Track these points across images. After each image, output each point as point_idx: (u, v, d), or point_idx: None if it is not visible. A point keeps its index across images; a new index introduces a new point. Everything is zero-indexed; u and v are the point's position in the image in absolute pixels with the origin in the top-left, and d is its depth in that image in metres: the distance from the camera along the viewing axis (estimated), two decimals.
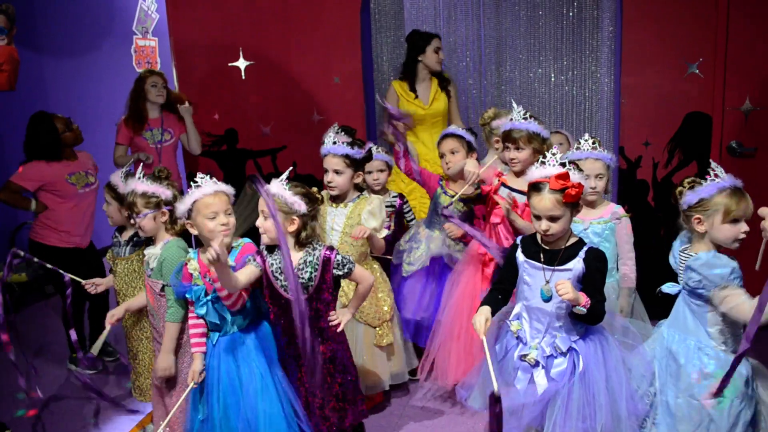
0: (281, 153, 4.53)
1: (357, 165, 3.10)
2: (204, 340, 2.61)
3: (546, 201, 2.27)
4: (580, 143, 2.93)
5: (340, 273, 2.49)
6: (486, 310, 2.34)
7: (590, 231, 2.85)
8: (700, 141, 3.97)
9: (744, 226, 2.22)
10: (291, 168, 2.61)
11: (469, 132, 3.37)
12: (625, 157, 4.02)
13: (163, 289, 2.68)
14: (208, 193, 2.48)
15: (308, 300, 2.45)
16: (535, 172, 2.34)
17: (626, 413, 2.30)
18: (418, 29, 4.35)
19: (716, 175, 2.25)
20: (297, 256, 2.46)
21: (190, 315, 2.63)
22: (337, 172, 3.07)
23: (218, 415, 2.52)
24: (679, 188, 2.34)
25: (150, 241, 2.85)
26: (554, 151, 2.37)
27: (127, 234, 3.12)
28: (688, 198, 2.29)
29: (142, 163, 3.49)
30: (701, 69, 3.92)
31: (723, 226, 2.23)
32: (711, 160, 2.32)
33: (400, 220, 3.59)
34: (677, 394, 2.31)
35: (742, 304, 2.17)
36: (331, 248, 2.49)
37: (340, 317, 2.55)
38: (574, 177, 2.30)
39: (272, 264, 2.47)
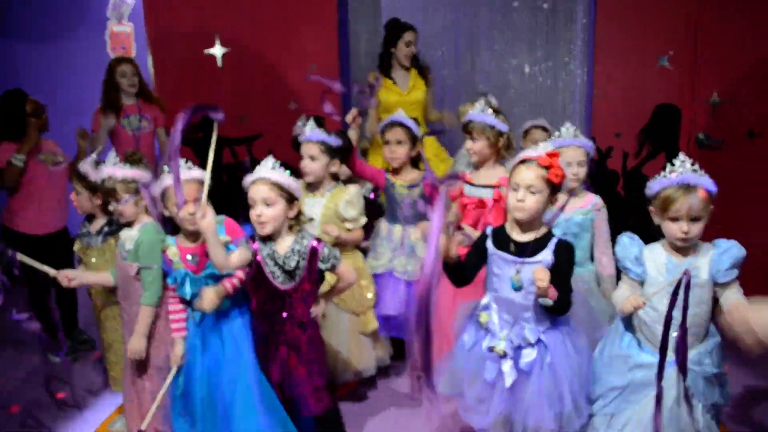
0: (257, 141, 4.53)
1: (333, 153, 3.12)
2: (184, 325, 2.66)
3: (530, 172, 2.30)
4: (560, 131, 2.98)
5: (326, 266, 2.50)
6: None
7: (572, 221, 2.89)
8: (670, 132, 4.05)
9: (683, 226, 2.19)
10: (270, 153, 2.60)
11: (415, 122, 3.38)
12: (596, 147, 4.09)
13: (138, 272, 2.68)
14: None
15: (293, 290, 2.48)
16: (526, 152, 2.38)
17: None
18: (397, 18, 4.34)
19: (671, 171, 2.24)
20: (286, 243, 2.48)
21: (171, 300, 2.67)
22: (312, 158, 3.09)
23: (200, 394, 2.58)
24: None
25: (122, 226, 2.84)
26: (547, 144, 2.42)
27: (98, 224, 3.07)
28: (647, 190, 2.32)
29: (113, 148, 3.47)
30: (671, 62, 4.00)
31: (665, 223, 2.24)
32: (681, 153, 2.31)
33: (374, 210, 3.59)
34: None
35: (616, 291, 2.34)
36: (318, 239, 2.51)
37: (314, 308, 2.57)
38: (562, 164, 2.34)
39: (263, 249, 2.48)
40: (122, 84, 4.18)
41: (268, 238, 2.48)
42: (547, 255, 2.34)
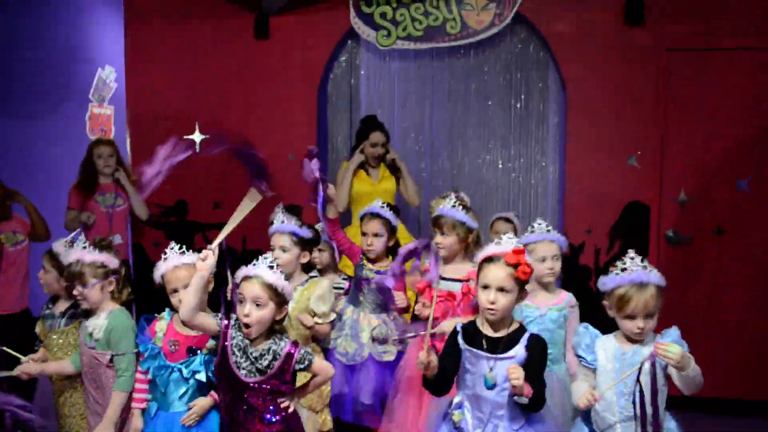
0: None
1: (304, 244, 3.12)
2: (145, 396, 2.57)
3: (499, 271, 2.30)
4: (533, 227, 3.02)
5: (301, 367, 2.41)
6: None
7: (547, 317, 2.89)
8: (639, 229, 4.14)
9: (639, 323, 2.27)
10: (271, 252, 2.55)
11: (393, 211, 3.40)
12: (568, 243, 4.14)
13: (111, 359, 2.62)
14: (169, 268, 2.53)
15: (258, 386, 2.37)
16: (490, 248, 2.39)
17: None
18: (373, 115, 4.46)
19: (623, 269, 2.32)
20: (262, 343, 2.38)
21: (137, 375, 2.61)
22: (283, 249, 3.08)
23: None
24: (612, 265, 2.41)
25: (86, 311, 2.79)
26: (510, 235, 2.43)
27: (63, 305, 2.99)
28: (600, 285, 2.40)
29: (81, 230, 3.43)
30: (639, 161, 4.14)
31: (620, 320, 2.33)
32: (630, 250, 2.39)
33: None
34: None
35: (574, 383, 2.42)
36: (295, 343, 2.42)
37: (284, 403, 2.45)
38: (528, 259, 2.36)
39: (234, 337, 2.38)
40: (98, 164, 4.21)
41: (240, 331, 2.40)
42: (520, 350, 2.31)
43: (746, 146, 4.00)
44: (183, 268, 2.53)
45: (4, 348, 2.73)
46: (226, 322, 2.40)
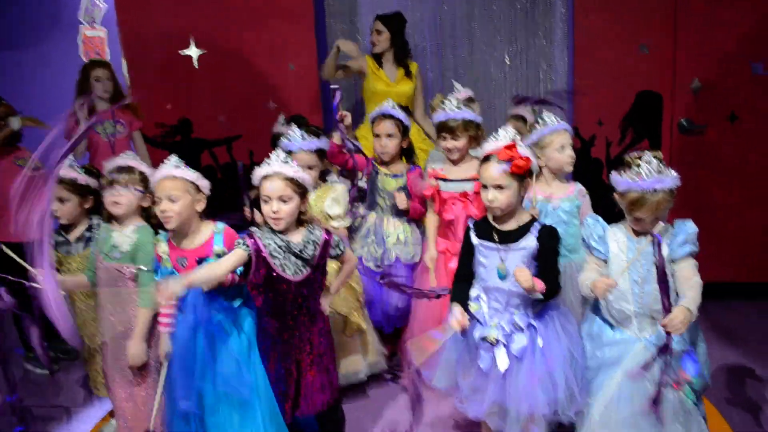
0: (237, 142, 4.47)
1: (324, 155, 3.14)
2: (170, 321, 2.56)
3: (492, 170, 2.32)
4: (543, 120, 2.93)
5: (335, 253, 2.53)
6: (457, 308, 2.39)
7: (560, 209, 2.87)
8: (652, 119, 4.05)
9: (647, 226, 2.28)
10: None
11: (406, 113, 3.33)
12: (579, 135, 4.07)
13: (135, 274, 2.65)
14: (158, 177, 2.55)
15: (307, 280, 2.46)
16: (487, 146, 2.40)
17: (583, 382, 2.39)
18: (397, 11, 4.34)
19: (637, 174, 2.24)
20: (299, 235, 2.46)
21: None
22: (310, 167, 3.02)
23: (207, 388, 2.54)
24: (628, 160, 2.33)
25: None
26: (507, 127, 2.41)
27: (78, 231, 2.97)
28: (612, 182, 2.34)
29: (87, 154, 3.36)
30: (651, 48, 3.99)
31: (630, 216, 2.32)
32: (646, 152, 2.29)
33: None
34: None
35: (583, 274, 2.40)
36: (328, 231, 2.53)
37: (323, 300, 2.57)
38: (523, 151, 2.33)
39: (268, 244, 2.42)
40: (96, 88, 4.09)
41: (279, 231, 2.45)
42: (530, 241, 2.35)
43: (762, 27, 3.83)
44: (169, 179, 2.53)
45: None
46: (250, 240, 2.41)
